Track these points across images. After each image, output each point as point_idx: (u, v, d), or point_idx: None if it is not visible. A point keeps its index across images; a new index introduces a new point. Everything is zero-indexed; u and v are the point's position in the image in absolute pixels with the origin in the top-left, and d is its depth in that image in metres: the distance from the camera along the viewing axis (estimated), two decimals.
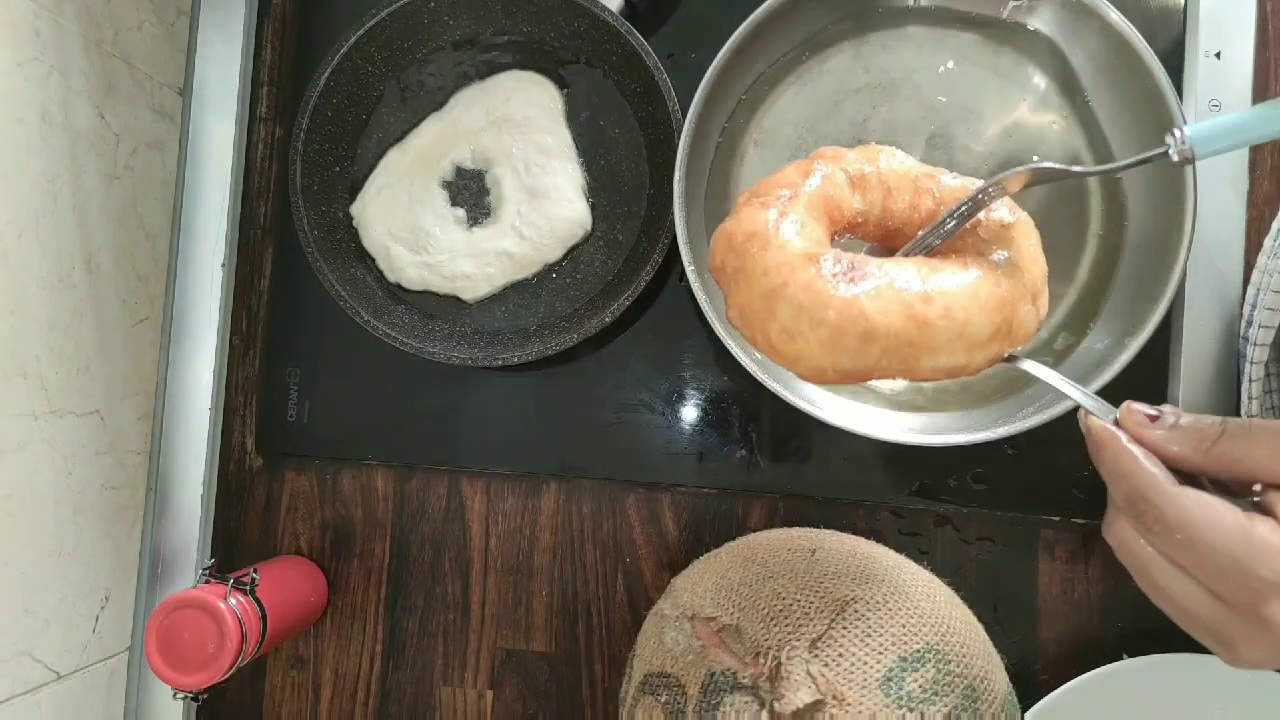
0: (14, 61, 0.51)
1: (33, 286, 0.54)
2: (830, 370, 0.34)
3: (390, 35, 0.62)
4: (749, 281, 0.35)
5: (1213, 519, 0.30)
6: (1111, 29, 0.53)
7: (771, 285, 0.34)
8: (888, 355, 0.34)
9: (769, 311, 0.34)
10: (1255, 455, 0.31)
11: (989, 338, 0.35)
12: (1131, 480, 0.32)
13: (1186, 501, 0.31)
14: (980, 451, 0.57)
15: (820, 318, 0.33)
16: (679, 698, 0.46)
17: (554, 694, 0.63)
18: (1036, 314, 0.38)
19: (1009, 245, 0.38)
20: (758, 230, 0.35)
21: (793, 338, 0.34)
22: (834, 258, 0.34)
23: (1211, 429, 0.32)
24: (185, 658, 0.53)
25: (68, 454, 0.57)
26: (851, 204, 0.38)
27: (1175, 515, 0.31)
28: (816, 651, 0.44)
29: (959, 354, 0.35)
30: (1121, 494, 0.32)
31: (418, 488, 0.65)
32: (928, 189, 0.39)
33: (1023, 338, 0.37)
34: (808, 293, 0.33)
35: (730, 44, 0.54)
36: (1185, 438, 0.32)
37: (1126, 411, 0.34)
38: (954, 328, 0.34)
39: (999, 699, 0.46)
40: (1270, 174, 0.59)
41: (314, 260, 0.61)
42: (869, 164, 0.39)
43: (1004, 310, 0.35)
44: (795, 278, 0.34)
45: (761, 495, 0.62)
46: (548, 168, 0.61)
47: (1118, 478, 0.32)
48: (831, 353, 0.34)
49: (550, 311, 0.63)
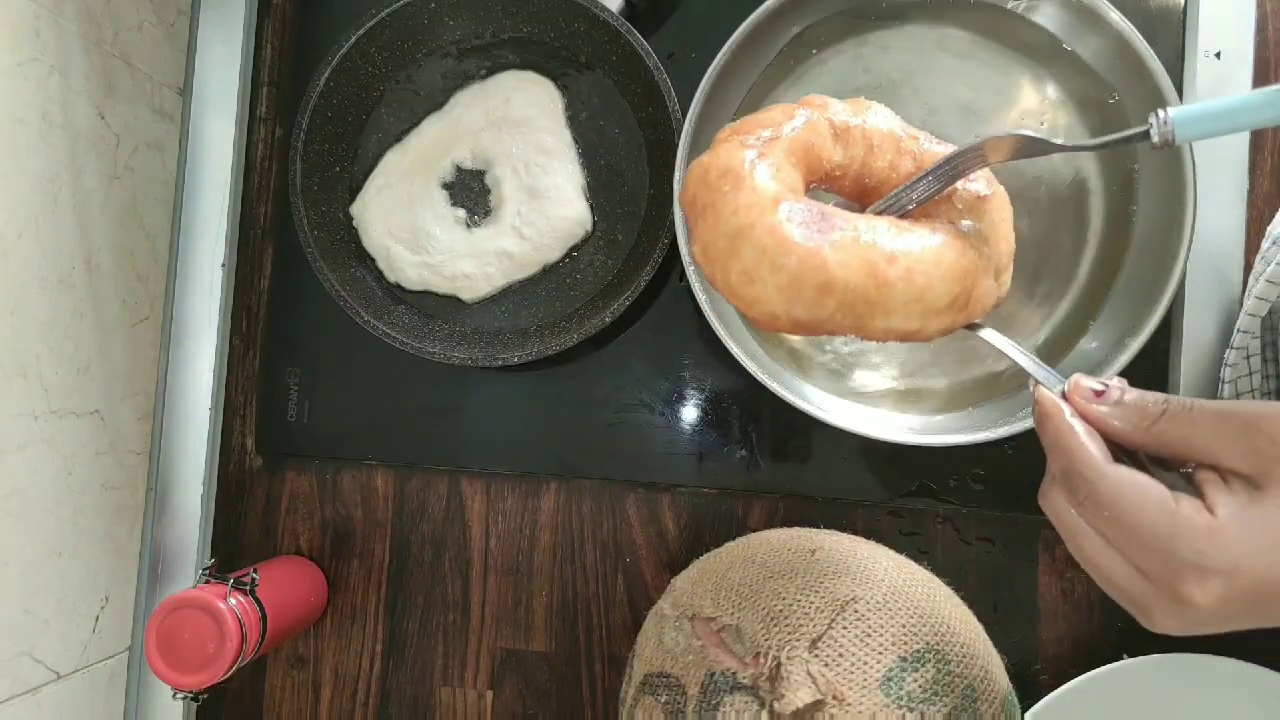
0: (14, 61, 0.51)
1: (33, 286, 0.54)
2: (784, 318, 0.34)
3: (390, 35, 0.62)
4: (716, 219, 0.34)
5: (1141, 498, 0.31)
6: (1112, 29, 0.53)
7: (738, 225, 0.34)
8: (843, 310, 0.34)
9: (732, 251, 0.34)
10: (1193, 437, 0.32)
11: (945, 306, 0.35)
12: (1069, 455, 0.33)
13: (1118, 480, 0.32)
14: (980, 451, 0.57)
15: (780, 263, 0.33)
16: (679, 698, 0.46)
17: (554, 694, 0.63)
18: (998, 289, 0.38)
19: (981, 218, 0.38)
20: (732, 168, 0.35)
21: (751, 280, 0.34)
22: (805, 206, 0.34)
23: (1154, 408, 0.33)
24: (185, 658, 0.53)
25: (68, 454, 0.57)
26: (832, 155, 0.38)
27: (1106, 493, 0.32)
28: (816, 651, 0.44)
29: (914, 318, 0.35)
30: (1059, 467, 0.33)
31: (418, 488, 0.65)
32: (909, 150, 0.39)
33: (979, 311, 0.37)
34: (772, 237, 0.33)
35: (730, 44, 0.54)
36: (1127, 415, 0.33)
37: (1074, 385, 0.34)
38: (912, 291, 0.34)
39: (999, 699, 0.46)
40: (1270, 174, 0.59)
41: (314, 260, 0.61)
42: (855, 116, 0.38)
43: (965, 281, 0.35)
44: (762, 220, 0.33)
45: (761, 495, 0.62)
46: (548, 168, 0.61)
47: (1057, 451, 0.33)
48: (787, 300, 0.33)
49: (550, 311, 0.63)
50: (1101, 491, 0.32)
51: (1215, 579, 0.30)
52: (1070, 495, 0.33)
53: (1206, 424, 0.32)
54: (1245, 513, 0.30)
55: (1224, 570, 0.30)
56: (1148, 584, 0.31)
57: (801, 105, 0.38)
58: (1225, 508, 0.30)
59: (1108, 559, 0.32)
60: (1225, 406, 0.32)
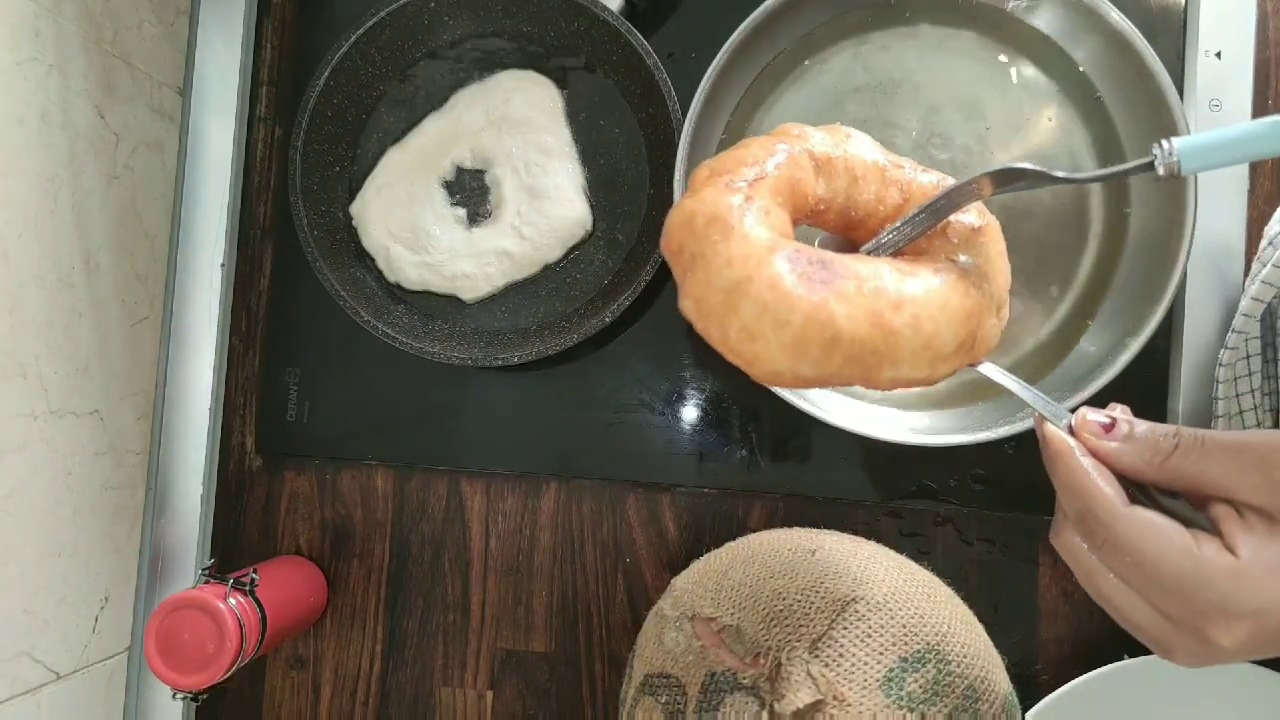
0: (13, 61, 0.51)
1: (32, 286, 0.54)
2: (788, 374, 0.32)
3: (390, 35, 0.62)
4: (708, 272, 0.32)
5: (1161, 542, 0.30)
6: (1112, 29, 0.53)
7: (735, 279, 0.31)
8: (850, 364, 0.32)
9: (730, 307, 0.32)
10: (1207, 472, 0.31)
11: (953, 351, 0.34)
12: (1084, 499, 0.32)
13: (1137, 523, 0.31)
14: (980, 451, 0.57)
15: (785, 320, 0.31)
16: (679, 698, 0.46)
17: (554, 694, 0.63)
18: (999, 325, 0.37)
19: (977, 252, 0.37)
20: (720, 215, 0.32)
21: (753, 338, 0.32)
22: (805, 255, 0.32)
23: (1165, 443, 0.32)
24: (185, 658, 0.53)
25: (67, 454, 0.57)
26: (815, 189, 0.36)
27: (1125, 536, 0.31)
28: (817, 652, 0.44)
29: (922, 366, 0.33)
30: (1073, 510, 0.33)
31: (417, 488, 0.65)
32: (895, 180, 0.37)
33: (984, 352, 0.36)
34: (774, 292, 0.31)
35: (730, 44, 0.54)
36: (1138, 450, 0.32)
37: (1081, 421, 0.33)
38: (920, 339, 0.33)
39: (999, 699, 0.46)
40: (1270, 174, 0.59)
41: (314, 260, 0.61)
42: (835, 147, 0.37)
43: (970, 323, 0.34)
44: (760, 273, 0.31)
45: (762, 495, 0.62)
46: (548, 168, 0.61)
47: (1070, 493, 0.33)
48: (793, 358, 0.32)
49: (550, 311, 0.63)
50: (1120, 535, 0.31)
51: (1242, 623, 0.29)
52: (1088, 537, 0.32)
53: (1220, 458, 0.31)
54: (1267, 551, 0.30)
55: (1250, 613, 0.29)
56: (1170, 625, 0.31)
57: (778, 137, 0.36)
58: (1246, 547, 0.30)
59: (1127, 600, 0.32)
60: (1238, 439, 0.31)
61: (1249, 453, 0.31)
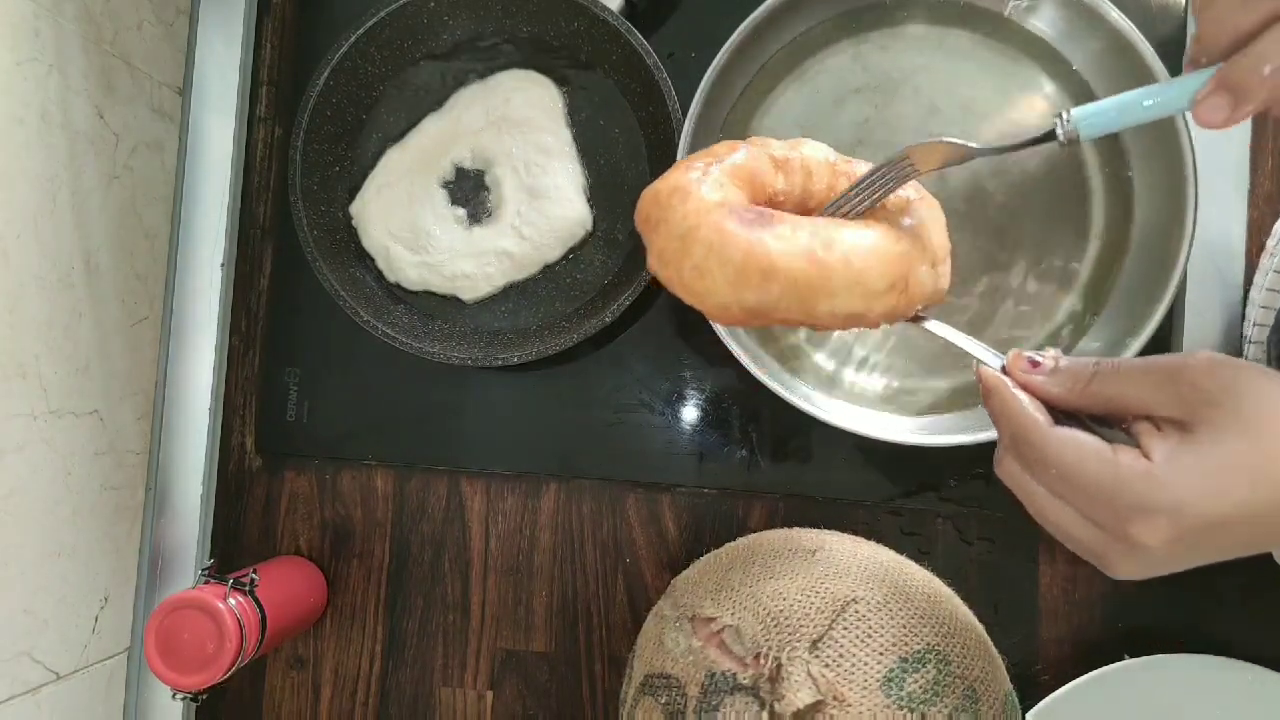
0: (13, 61, 0.51)
1: (32, 286, 0.54)
2: (735, 307, 0.36)
3: (390, 35, 0.62)
4: (668, 227, 0.37)
5: (1082, 452, 0.33)
6: (1112, 28, 0.53)
7: (688, 227, 0.36)
8: (788, 296, 0.36)
9: (684, 251, 0.36)
10: (1124, 392, 0.34)
11: (885, 289, 0.37)
12: (1015, 423, 0.35)
13: (1060, 439, 0.34)
14: (980, 451, 0.57)
15: (727, 256, 0.36)
16: (679, 698, 0.46)
17: (554, 694, 0.63)
18: (935, 278, 0.40)
19: (913, 216, 0.40)
20: (680, 185, 0.38)
21: (702, 275, 0.36)
22: (750, 210, 0.37)
23: (1085, 371, 0.35)
24: (185, 658, 0.53)
25: (67, 454, 0.57)
26: (774, 183, 0.40)
27: (1051, 452, 0.34)
28: (817, 652, 0.44)
29: (856, 300, 0.37)
30: (1007, 435, 0.36)
31: (417, 488, 0.65)
32: (844, 173, 0.42)
33: (919, 295, 0.39)
34: (718, 233, 0.36)
35: (730, 44, 0.54)
36: (1062, 380, 0.35)
37: (1012, 359, 0.36)
38: (851, 274, 0.36)
39: (1000, 700, 0.46)
40: (1271, 174, 0.59)
41: (313, 260, 0.61)
42: (791, 150, 0.41)
43: (900, 265, 0.38)
44: (708, 219, 0.36)
45: (762, 495, 0.62)
46: (548, 167, 0.61)
47: (1004, 421, 0.36)
48: (736, 289, 0.36)
49: (550, 311, 0.63)
50: (1048, 452, 0.34)
51: (1160, 520, 0.31)
52: (1021, 459, 0.35)
53: (1134, 378, 0.34)
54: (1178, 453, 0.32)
55: (1167, 510, 0.31)
56: (1101, 533, 0.33)
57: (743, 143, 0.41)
58: (1160, 452, 0.32)
59: (1063, 515, 0.34)
60: (1148, 361, 0.34)
61: (1157, 370, 0.33)
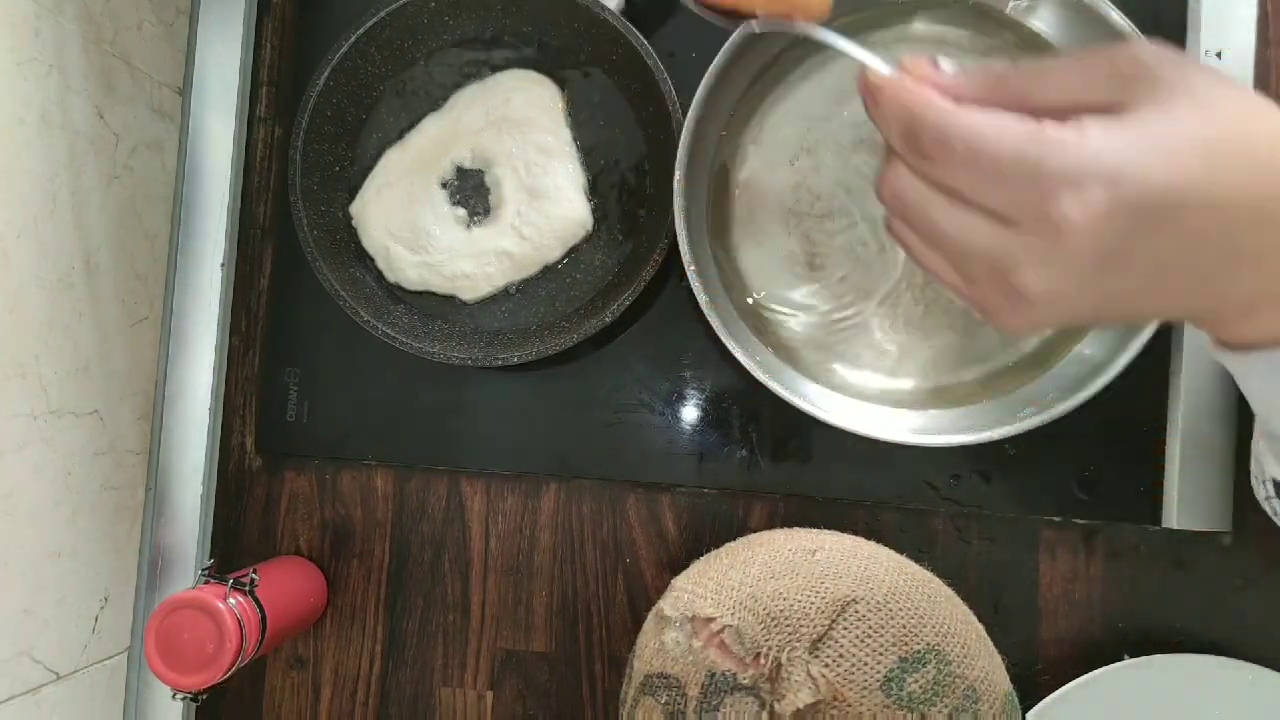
0: (14, 61, 0.51)
1: (32, 286, 0.54)
2: None
3: (390, 35, 0.62)
4: None
5: (999, 125, 0.28)
6: (1113, 29, 0.53)
7: None
8: None
9: None
10: (1051, 83, 0.29)
11: None
12: (909, 109, 0.29)
13: (970, 116, 0.28)
14: (980, 451, 0.57)
15: None
16: (679, 698, 0.46)
17: (554, 694, 0.63)
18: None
19: None
20: None
21: None
22: None
23: (998, 68, 0.30)
24: (185, 658, 0.53)
25: (67, 454, 0.57)
26: None
27: (958, 130, 0.28)
28: (817, 652, 0.44)
29: None
30: (898, 132, 0.30)
31: (417, 488, 0.65)
32: None
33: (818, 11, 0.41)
34: None
35: (730, 44, 0.54)
36: (972, 79, 0.30)
37: (911, 61, 0.31)
38: None
39: (1000, 700, 0.46)
40: None
41: (313, 260, 0.61)
42: None
43: None
44: None
45: (762, 495, 0.62)
46: (548, 167, 0.61)
47: (895, 114, 0.30)
48: None
49: (550, 311, 0.63)
50: (952, 131, 0.28)
51: (1095, 189, 0.26)
52: (914, 155, 0.30)
53: (1063, 66, 0.29)
54: (1118, 125, 0.27)
55: (1104, 176, 0.26)
56: (1012, 234, 0.28)
57: None
58: (1096, 124, 0.27)
59: (963, 223, 0.29)
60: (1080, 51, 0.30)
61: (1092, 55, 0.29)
